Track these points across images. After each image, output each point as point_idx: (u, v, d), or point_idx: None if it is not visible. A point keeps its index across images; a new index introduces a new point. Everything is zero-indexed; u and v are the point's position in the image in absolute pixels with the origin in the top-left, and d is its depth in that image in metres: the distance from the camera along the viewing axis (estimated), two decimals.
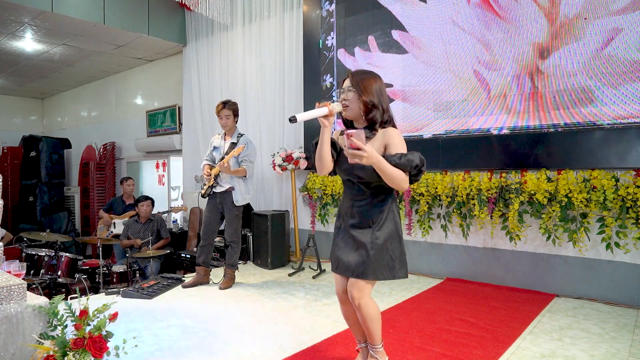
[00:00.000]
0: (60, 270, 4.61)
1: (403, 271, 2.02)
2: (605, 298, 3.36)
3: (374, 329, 2.03)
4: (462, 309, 3.21)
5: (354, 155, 1.78)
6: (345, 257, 2.03)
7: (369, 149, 1.77)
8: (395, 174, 1.84)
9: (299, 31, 5.26)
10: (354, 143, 1.75)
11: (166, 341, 2.70)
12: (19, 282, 1.91)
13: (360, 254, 1.98)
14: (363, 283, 1.98)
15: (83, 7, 5.57)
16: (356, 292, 1.99)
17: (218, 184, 3.96)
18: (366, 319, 2.00)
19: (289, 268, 4.72)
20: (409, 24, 4.35)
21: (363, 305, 1.98)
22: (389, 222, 1.99)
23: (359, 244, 1.99)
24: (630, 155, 3.20)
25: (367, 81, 1.97)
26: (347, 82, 2.01)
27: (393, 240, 2.00)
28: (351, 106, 1.97)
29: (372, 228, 1.98)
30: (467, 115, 3.99)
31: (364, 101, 1.95)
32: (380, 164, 1.82)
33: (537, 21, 3.60)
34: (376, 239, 1.97)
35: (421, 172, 1.93)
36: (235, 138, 4.02)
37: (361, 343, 2.21)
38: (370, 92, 1.96)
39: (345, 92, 1.99)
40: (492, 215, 3.75)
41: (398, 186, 1.88)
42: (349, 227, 2.05)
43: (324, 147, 1.98)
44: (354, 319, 2.16)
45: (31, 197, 8.82)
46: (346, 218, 2.08)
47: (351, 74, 2.01)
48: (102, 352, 1.81)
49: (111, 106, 8.79)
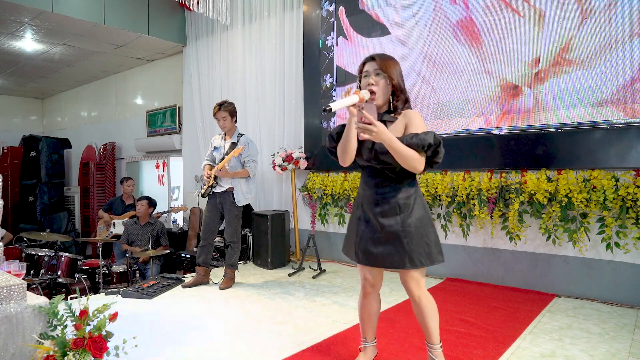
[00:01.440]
0: (60, 270, 4.61)
1: (441, 255, 1.97)
2: (605, 298, 3.36)
3: (433, 325, 1.99)
4: (462, 309, 3.21)
5: (365, 129, 1.74)
6: (376, 248, 1.96)
7: (379, 124, 1.74)
8: (408, 153, 1.79)
9: (299, 31, 5.26)
10: (364, 117, 1.72)
11: (166, 341, 2.70)
12: (19, 282, 1.90)
13: (392, 243, 1.92)
14: (418, 275, 1.94)
15: (83, 7, 5.57)
16: (414, 286, 1.95)
17: (218, 184, 3.95)
18: (426, 314, 1.96)
19: (289, 268, 4.72)
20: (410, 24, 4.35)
21: (423, 299, 1.95)
22: (417, 207, 1.94)
23: (390, 234, 1.92)
24: (630, 155, 3.19)
25: (392, 64, 1.94)
26: (371, 66, 1.95)
27: (426, 225, 1.94)
28: (379, 92, 1.93)
29: (401, 215, 1.91)
30: (467, 115, 3.99)
31: (394, 85, 1.92)
32: (391, 142, 1.77)
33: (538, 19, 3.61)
34: (408, 226, 1.90)
35: (438, 153, 1.86)
36: (236, 138, 4.02)
37: (366, 342, 2.16)
38: (398, 76, 1.93)
39: (371, 76, 1.94)
40: (492, 215, 3.75)
41: (412, 167, 1.82)
42: (374, 216, 1.96)
43: (351, 135, 1.91)
44: (369, 314, 2.11)
45: (31, 197, 8.82)
46: (369, 207, 1.99)
47: (377, 57, 1.95)
48: (102, 352, 1.81)
49: (111, 106, 8.79)
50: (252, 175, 3.99)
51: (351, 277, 4.28)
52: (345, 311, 3.23)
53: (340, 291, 3.78)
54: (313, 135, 5.13)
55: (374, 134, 1.74)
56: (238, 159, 3.95)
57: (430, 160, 1.88)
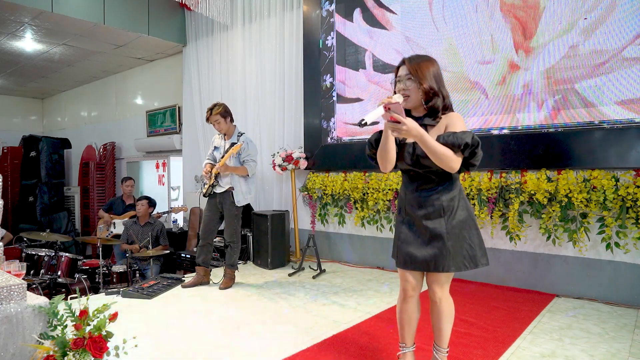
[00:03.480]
0: (60, 270, 4.61)
1: (485, 258, 1.94)
2: (605, 298, 3.36)
3: (447, 328, 1.99)
4: (462, 309, 3.20)
5: (394, 128, 1.73)
6: (419, 251, 1.93)
7: (408, 121, 1.71)
8: (443, 151, 1.76)
9: (299, 31, 5.26)
10: (392, 116, 1.71)
11: (166, 341, 2.70)
12: (19, 282, 1.90)
13: (436, 245, 1.89)
14: (444, 278, 1.93)
15: (83, 7, 5.57)
16: (438, 288, 1.94)
17: (218, 183, 3.95)
18: (443, 317, 1.96)
19: (289, 268, 4.72)
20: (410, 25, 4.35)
21: (444, 301, 1.94)
22: (461, 210, 1.91)
23: (434, 235, 1.89)
24: (630, 155, 3.19)
25: (425, 67, 1.89)
26: (404, 70, 1.92)
27: (470, 227, 1.92)
28: (411, 96, 1.90)
29: (445, 217, 1.89)
30: (467, 115, 3.99)
31: (424, 89, 1.87)
32: (423, 139, 1.74)
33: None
34: (452, 228, 1.88)
35: (475, 154, 1.82)
36: (236, 138, 4.02)
37: (406, 347, 2.09)
38: (430, 78, 1.87)
39: (403, 81, 1.91)
40: (492, 215, 3.75)
41: (447, 166, 1.79)
42: (419, 219, 1.93)
43: (389, 144, 1.89)
44: (410, 318, 2.07)
45: (31, 197, 8.83)
46: (413, 210, 1.97)
47: (407, 61, 1.92)
48: (102, 352, 1.81)
49: (111, 106, 8.79)
50: (251, 174, 3.99)
51: (351, 277, 4.28)
52: (345, 311, 3.23)
53: (340, 291, 3.78)
54: (313, 135, 5.13)
55: (404, 130, 1.72)
56: (237, 159, 3.95)
57: (466, 162, 1.85)
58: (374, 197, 4.43)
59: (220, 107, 3.95)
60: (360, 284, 4.02)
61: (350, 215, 4.86)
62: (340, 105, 4.92)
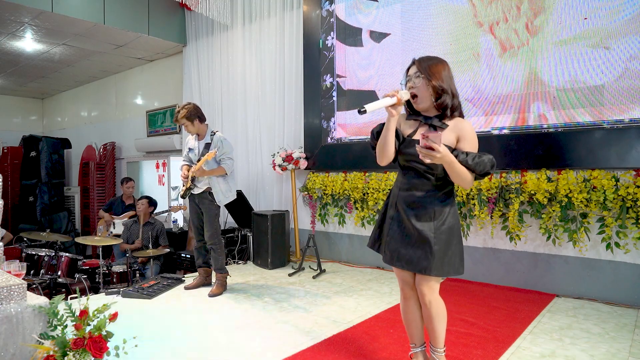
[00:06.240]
0: (60, 270, 4.61)
1: (462, 268, 1.98)
2: (605, 298, 3.36)
3: (440, 329, 1.99)
4: (462, 309, 3.21)
5: (427, 154, 1.73)
6: (405, 249, 1.96)
7: (443, 150, 1.72)
8: (465, 174, 1.82)
9: (299, 31, 5.26)
10: (428, 143, 1.71)
11: (166, 341, 2.70)
12: (19, 282, 1.90)
13: (423, 247, 1.90)
14: (433, 280, 1.94)
15: (83, 7, 5.57)
16: (427, 289, 1.95)
17: (195, 185, 3.87)
18: (434, 318, 1.97)
19: (289, 268, 4.72)
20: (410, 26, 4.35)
21: (434, 303, 1.95)
22: (451, 217, 1.94)
23: (422, 237, 1.91)
24: (630, 155, 3.19)
25: (435, 66, 1.91)
26: (414, 69, 1.94)
27: (455, 236, 1.95)
28: (420, 94, 1.91)
29: (435, 221, 1.91)
30: (467, 115, 3.99)
31: (434, 86, 1.88)
32: (451, 165, 1.79)
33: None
34: (441, 233, 1.90)
35: (488, 174, 1.89)
36: (209, 137, 3.92)
37: (416, 347, 2.12)
38: (440, 77, 1.89)
39: (412, 79, 1.93)
40: (492, 215, 3.75)
41: (462, 185, 1.86)
42: (408, 217, 1.95)
43: (389, 137, 1.91)
44: (413, 317, 2.09)
45: (31, 197, 8.82)
46: (403, 207, 1.98)
47: (417, 61, 1.95)
48: (102, 352, 1.81)
49: (111, 106, 8.79)
50: (229, 172, 3.86)
51: (351, 277, 4.28)
52: (345, 311, 3.23)
53: (340, 291, 3.78)
54: (313, 135, 5.13)
55: (437, 158, 1.74)
56: (214, 159, 3.82)
57: (475, 177, 1.91)
58: (374, 197, 4.43)
59: (184, 111, 3.82)
60: (360, 284, 4.02)
61: (350, 215, 4.86)
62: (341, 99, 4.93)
